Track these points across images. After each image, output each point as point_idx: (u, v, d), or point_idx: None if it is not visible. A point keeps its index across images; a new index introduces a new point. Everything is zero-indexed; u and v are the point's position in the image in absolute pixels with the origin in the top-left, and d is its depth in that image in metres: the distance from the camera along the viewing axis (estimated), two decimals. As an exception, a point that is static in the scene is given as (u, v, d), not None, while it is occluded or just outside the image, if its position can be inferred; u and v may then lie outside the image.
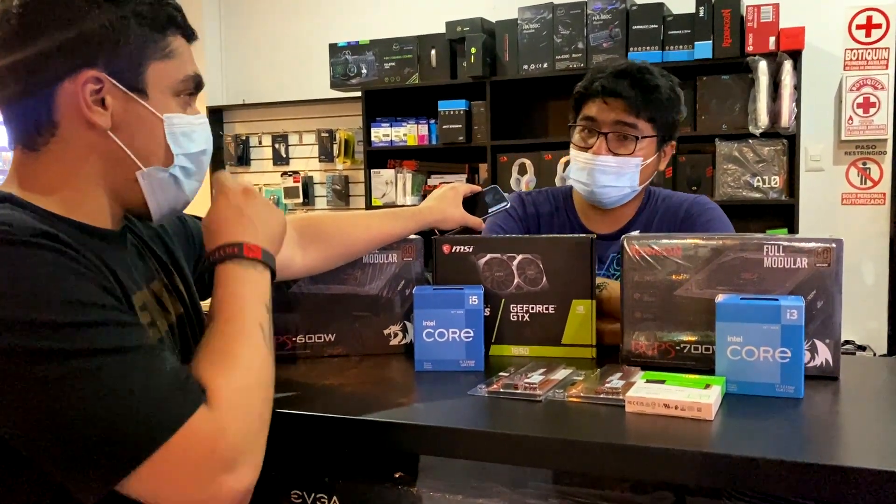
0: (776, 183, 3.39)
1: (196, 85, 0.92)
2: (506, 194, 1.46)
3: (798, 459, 0.80)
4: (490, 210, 1.43)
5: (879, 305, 3.55)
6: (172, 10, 0.88)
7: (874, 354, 3.39)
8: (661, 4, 3.48)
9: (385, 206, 4.04)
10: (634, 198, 1.64)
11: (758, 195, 3.41)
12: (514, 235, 1.61)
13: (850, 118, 3.56)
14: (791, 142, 3.35)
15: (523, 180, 3.77)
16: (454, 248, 1.30)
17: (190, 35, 0.92)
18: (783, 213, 3.44)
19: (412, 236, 1.35)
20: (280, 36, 4.65)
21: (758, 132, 3.32)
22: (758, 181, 3.41)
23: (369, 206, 4.11)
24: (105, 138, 0.85)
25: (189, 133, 0.91)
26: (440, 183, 4.07)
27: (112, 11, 0.82)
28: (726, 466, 0.82)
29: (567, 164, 3.67)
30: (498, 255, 1.28)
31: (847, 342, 3.45)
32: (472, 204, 1.42)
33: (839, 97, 3.58)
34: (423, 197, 4.07)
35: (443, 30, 3.84)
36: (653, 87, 1.53)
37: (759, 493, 0.89)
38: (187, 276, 1.04)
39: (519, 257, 1.28)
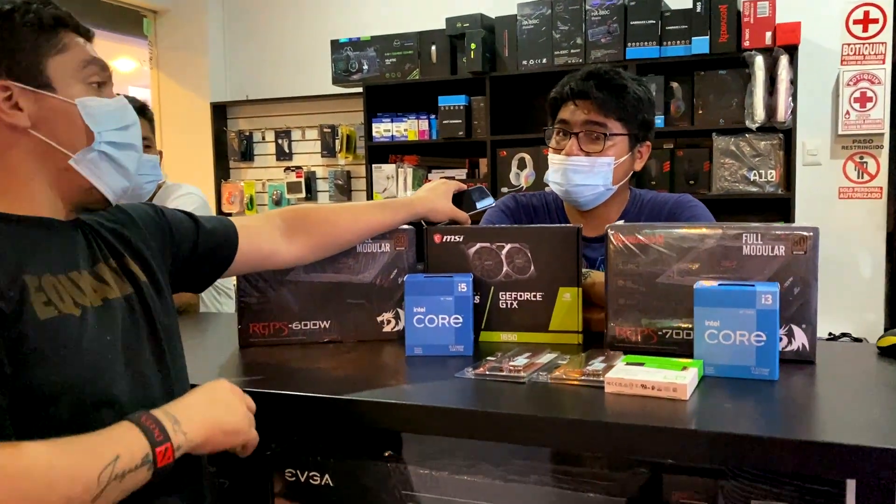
0: (773, 177, 3.41)
1: (101, 68, 0.98)
2: (491, 195, 1.53)
3: (767, 435, 0.84)
4: (477, 207, 1.48)
5: (876, 298, 3.58)
6: (55, 11, 0.96)
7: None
8: (659, 0, 3.50)
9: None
10: (618, 200, 1.68)
11: (755, 189, 3.44)
12: (503, 225, 1.65)
13: (847, 112, 3.58)
14: (787, 136, 3.38)
15: (522, 175, 3.80)
16: (445, 237, 1.34)
17: (84, 33, 0.99)
18: (780, 208, 3.46)
19: (404, 226, 1.39)
20: (282, 33, 4.68)
21: (754, 127, 3.35)
22: (754, 175, 3.44)
23: (370, 200, 4.15)
24: (28, 136, 0.92)
25: (106, 112, 0.97)
26: (441, 178, 4.10)
27: (2, 26, 0.90)
28: (702, 442, 0.86)
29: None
30: (487, 245, 1.32)
31: (844, 335, 3.48)
32: (458, 201, 1.47)
33: (836, 92, 3.60)
34: (424, 191, 4.12)
35: (443, 26, 3.87)
36: (619, 86, 1.59)
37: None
38: (148, 261, 1.05)
39: (508, 246, 1.32)
